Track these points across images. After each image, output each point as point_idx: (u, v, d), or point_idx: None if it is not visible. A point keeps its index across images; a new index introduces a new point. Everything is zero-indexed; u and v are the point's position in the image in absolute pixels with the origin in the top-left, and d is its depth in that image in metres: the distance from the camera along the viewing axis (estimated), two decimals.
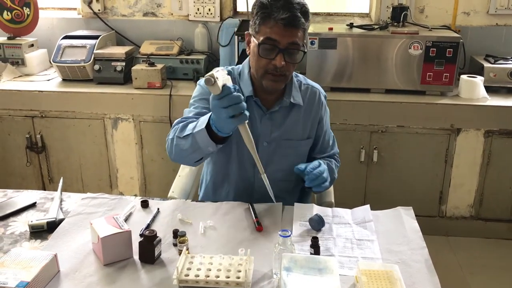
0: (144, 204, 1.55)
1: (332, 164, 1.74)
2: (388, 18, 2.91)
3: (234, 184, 1.69)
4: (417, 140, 2.68)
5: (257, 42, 1.50)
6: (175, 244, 1.34)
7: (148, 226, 1.43)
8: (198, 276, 1.17)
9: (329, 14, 3.22)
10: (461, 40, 2.60)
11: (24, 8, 3.07)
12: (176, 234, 1.34)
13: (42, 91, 2.78)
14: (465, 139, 2.66)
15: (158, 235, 1.29)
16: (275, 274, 1.22)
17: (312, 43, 2.64)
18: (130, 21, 3.22)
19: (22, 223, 1.47)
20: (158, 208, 1.53)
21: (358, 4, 3.27)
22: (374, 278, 1.17)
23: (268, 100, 1.64)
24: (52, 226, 1.42)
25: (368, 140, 2.70)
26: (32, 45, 3.11)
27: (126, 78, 2.87)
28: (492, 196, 2.77)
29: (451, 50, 2.58)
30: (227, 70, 1.37)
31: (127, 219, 1.48)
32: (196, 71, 2.92)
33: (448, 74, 2.63)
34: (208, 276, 1.17)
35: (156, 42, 3.08)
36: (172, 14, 3.19)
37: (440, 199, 2.80)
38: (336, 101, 2.55)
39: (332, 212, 1.54)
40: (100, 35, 3.00)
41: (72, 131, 2.83)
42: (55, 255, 1.23)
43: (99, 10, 3.17)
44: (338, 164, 1.82)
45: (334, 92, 2.67)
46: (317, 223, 1.43)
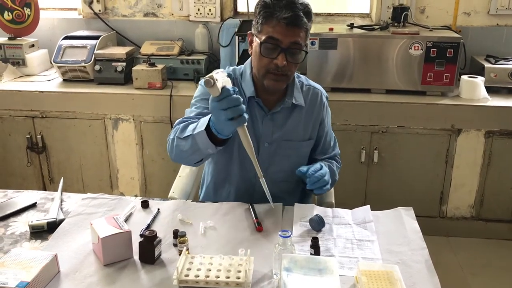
0: (144, 205, 1.55)
1: (333, 166, 1.74)
2: (389, 18, 2.91)
3: (235, 185, 1.69)
4: (417, 141, 2.68)
5: (259, 41, 1.50)
6: (175, 245, 1.35)
7: (148, 226, 1.44)
8: (198, 276, 1.17)
9: (329, 15, 3.22)
10: (461, 40, 2.60)
11: (25, 8, 3.07)
12: (176, 234, 1.34)
13: (42, 92, 2.78)
14: (465, 139, 2.66)
15: (158, 235, 1.29)
16: (275, 274, 1.22)
17: (312, 44, 2.64)
18: (130, 21, 3.22)
19: (23, 223, 1.47)
20: (158, 209, 1.53)
21: (358, 4, 3.27)
22: (374, 279, 1.17)
23: (269, 100, 1.64)
24: (52, 227, 1.42)
25: (368, 140, 2.69)
26: (33, 45, 3.11)
27: (126, 79, 2.88)
28: (493, 197, 2.76)
29: (452, 50, 2.58)
30: (227, 73, 1.36)
31: (127, 219, 1.48)
32: (197, 72, 2.92)
33: (448, 75, 2.62)
34: (208, 277, 1.17)
35: (157, 43, 3.08)
36: (172, 15, 3.19)
37: (441, 199, 2.80)
38: (336, 101, 2.55)
39: (332, 212, 1.54)
40: (100, 36, 3.00)
41: (73, 131, 2.83)
42: (55, 256, 1.23)
43: (99, 11, 3.17)
44: (339, 166, 1.82)
45: (335, 92, 2.67)
46: (317, 223, 1.43)
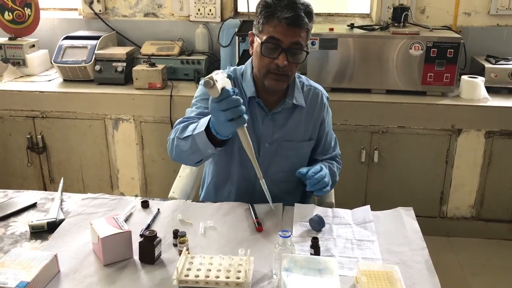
0: (145, 205, 1.55)
1: (334, 167, 1.74)
2: (389, 18, 2.91)
3: (235, 184, 1.69)
4: (418, 141, 2.68)
5: (260, 41, 1.50)
6: (175, 245, 1.35)
7: (148, 226, 1.44)
8: (198, 276, 1.17)
9: (329, 15, 3.22)
10: (462, 40, 2.59)
11: (25, 8, 3.08)
12: (176, 234, 1.34)
13: (43, 92, 2.78)
14: (466, 139, 2.66)
15: (158, 235, 1.29)
16: (275, 274, 1.22)
17: (313, 44, 2.64)
18: (131, 21, 3.23)
19: (23, 223, 1.47)
20: (159, 209, 1.53)
21: (358, 4, 3.27)
22: (374, 279, 1.17)
23: (270, 101, 1.63)
24: (52, 227, 1.42)
25: (368, 140, 2.69)
26: (33, 45, 3.11)
27: (127, 79, 2.88)
28: (493, 197, 2.76)
29: (452, 50, 2.58)
30: (228, 73, 1.36)
31: (127, 219, 1.48)
32: (197, 72, 2.92)
33: (449, 75, 2.62)
34: (208, 277, 1.17)
35: (157, 43, 3.08)
36: (173, 15, 3.19)
37: (441, 199, 2.80)
38: (336, 101, 2.55)
39: (332, 212, 1.54)
40: (101, 36, 3.01)
41: (73, 131, 2.83)
42: (55, 256, 1.23)
43: (100, 11, 3.17)
44: (340, 167, 1.81)
45: (335, 92, 2.67)
46: (317, 223, 1.43)
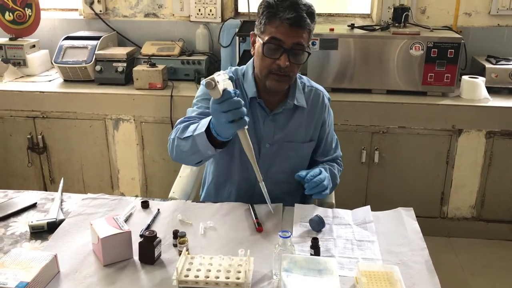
0: (145, 205, 1.55)
1: (335, 169, 1.73)
2: (390, 18, 2.91)
3: (236, 185, 1.69)
4: (418, 141, 2.67)
5: (262, 41, 1.50)
6: (175, 245, 1.34)
7: (148, 226, 1.44)
8: (197, 276, 1.17)
9: (330, 15, 3.22)
10: (462, 40, 2.59)
11: (26, 9, 3.08)
12: (176, 234, 1.34)
13: (43, 92, 2.78)
14: (466, 140, 2.65)
15: (158, 235, 1.29)
16: (275, 275, 1.22)
17: (313, 44, 2.63)
18: (131, 22, 3.23)
19: (23, 223, 1.47)
20: (159, 209, 1.53)
21: (359, 4, 3.27)
22: (374, 279, 1.16)
23: (271, 101, 1.63)
24: (52, 227, 1.42)
25: (369, 141, 2.69)
26: (34, 46, 3.11)
27: (127, 79, 2.88)
28: (494, 197, 2.76)
29: (453, 51, 2.58)
30: (229, 74, 1.36)
31: (127, 219, 1.48)
32: (197, 72, 2.92)
33: (449, 75, 2.62)
34: (208, 277, 1.17)
35: (158, 43, 3.08)
36: (173, 15, 3.19)
37: (442, 200, 2.80)
38: (337, 101, 2.55)
39: (332, 213, 1.53)
40: (101, 36, 3.01)
41: (74, 131, 2.84)
42: (55, 256, 1.23)
43: (100, 11, 3.17)
44: (341, 169, 1.81)
45: (336, 92, 2.67)
46: (317, 224, 1.43)
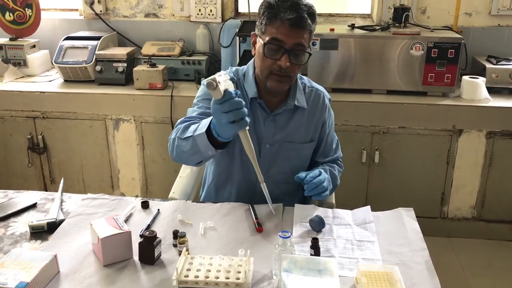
0: (145, 205, 1.55)
1: (335, 171, 1.73)
2: (390, 19, 2.91)
3: (236, 185, 1.69)
4: (418, 141, 2.67)
5: (262, 42, 1.49)
6: (175, 245, 1.34)
7: (148, 227, 1.43)
8: (197, 277, 1.17)
9: (330, 15, 3.22)
10: (462, 41, 2.59)
11: (26, 9, 3.08)
12: (176, 235, 1.34)
13: (43, 92, 2.78)
14: (467, 140, 2.65)
15: (158, 236, 1.29)
16: (275, 275, 1.22)
17: (313, 44, 2.63)
18: (131, 22, 3.23)
19: (23, 223, 1.47)
20: (159, 209, 1.53)
21: (359, 5, 3.27)
22: (374, 280, 1.16)
23: (272, 102, 1.63)
24: (52, 227, 1.42)
25: (369, 141, 2.69)
26: (34, 46, 3.11)
27: (127, 79, 2.88)
28: (494, 197, 2.76)
29: (453, 51, 2.58)
30: (230, 75, 1.36)
31: (127, 219, 1.48)
32: (198, 72, 2.92)
33: (449, 75, 2.62)
34: (208, 277, 1.17)
35: (158, 43, 3.08)
36: (173, 15, 3.19)
37: (442, 200, 2.80)
38: (337, 102, 2.54)
39: (332, 213, 1.53)
40: (101, 36, 3.01)
41: (74, 132, 2.84)
42: (55, 256, 1.23)
43: (100, 11, 3.17)
44: (341, 170, 1.80)
45: (336, 93, 2.66)
46: (317, 224, 1.43)
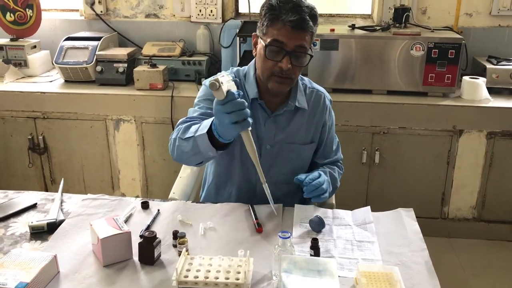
0: (144, 205, 1.55)
1: (335, 173, 1.72)
2: (390, 19, 2.91)
3: (236, 185, 1.69)
4: (419, 142, 2.67)
5: (264, 43, 1.49)
6: (175, 245, 1.34)
7: (148, 227, 1.44)
8: (197, 277, 1.17)
9: (331, 15, 3.22)
10: (463, 41, 2.59)
11: (27, 9, 3.08)
12: (176, 235, 1.34)
13: (44, 93, 2.79)
14: (467, 140, 2.65)
15: (158, 236, 1.29)
16: (274, 275, 1.22)
17: (314, 44, 2.63)
18: (132, 22, 3.23)
19: (23, 224, 1.47)
20: (158, 210, 1.53)
21: (360, 5, 3.27)
22: (373, 280, 1.16)
23: (273, 103, 1.63)
24: (52, 227, 1.42)
25: (370, 141, 2.69)
26: (35, 46, 3.12)
27: (128, 80, 2.88)
28: (495, 198, 2.76)
29: (453, 51, 2.58)
30: (232, 76, 1.35)
31: (127, 220, 1.48)
32: (198, 73, 2.92)
33: (450, 75, 2.62)
34: (208, 278, 1.17)
35: (158, 44, 3.08)
36: (174, 16, 3.19)
37: (442, 200, 2.79)
38: (338, 102, 2.52)
39: (332, 213, 1.53)
40: (102, 37, 3.01)
41: (74, 132, 2.84)
42: (55, 256, 1.23)
43: (101, 12, 3.18)
44: (341, 172, 1.80)
45: (336, 93, 2.66)
46: (317, 224, 1.43)
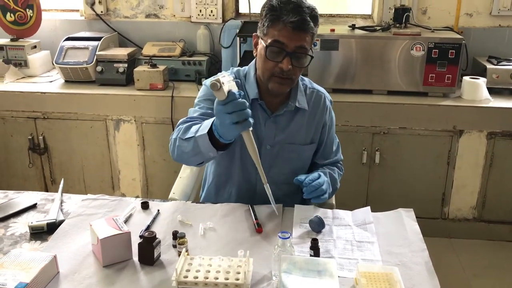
0: (144, 206, 1.55)
1: (335, 174, 1.72)
2: (391, 19, 2.91)
3: (236, 185, 1.69)
4: (419, 142, 2.67)
5: (264, 44, 1.49)
6: (174, 246, 1.34)
7: (148, 227, 1.44)
8: (197, 277, 1.17)
9: (331, 16, 3.22)
10: (463, 41, 2.59)
11: (27, 10, 3.08)
12: (175, 235, 1.34)
13: (44, 93, 2.79)
14: (467, 140, 2.65)
15: (157, 236, 1.29)
16: (274, 276, 1.22)
17: (314, 45, 2.61)
18: (132, 22, 3.23)
19: (22, 224, 1.47)
20: (158, 210, 1.53)
21: (360, 5, 3.26)
22: (373, 280, 1.16)
23: (273, 103, 1.63)
24: (52, 227, 1.42)
25: (370, 141, 2.69)
26: (35, 46, 3.12)
27: (128, 80, 2.88)
28: (495, 198, 2.75)
29: (454, 51, 2.57)
30: (233, 76, 1.35)
31: (127, 220, 1.48)
32: (198, 73, 2.92)
33: (450, 76, 2.62)
34: (207, 278, 1.17)
35: (158, 44, 3.08)
36: (174, 16, 3.19)
37: (443, 201, 2.79)
38: (338, 102, 2.52)
39: (332, 213, 1.53)
40: (102, 37, 3.01)
41: (74, 132, 2.84)
42: (55, 256, 1.23)
43: (101, 12, 3.18)
44: (341, 173, 1.79)
45: (336, 93, 2.66)
46: (317, 225, 1.42)
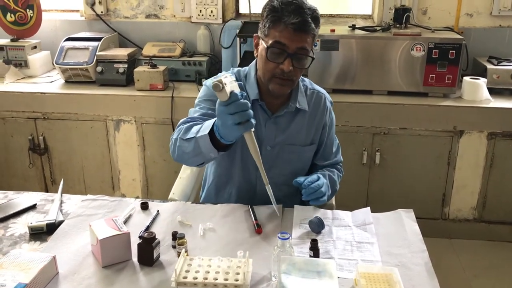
0: (144, 206, 1.55)
1: (335, 175, 1.72)
2: (391, 19, 2.91)
3: (236, 186, 1.69)
4: (419, 142, 2.67)
5: (265, 45, 1.49)
6: (174, 246, 1.34)
7: (148, 228, 1.43)
8: (196, 278, 1.17)
9: (331, 16, 3.22)
10: (463, 41, 2.58)
11: (28, 10, 3.08)
12: (175, 236, 1.34)
13: (44, 93, 2.79)
14: (468, 141, 2.65)
15: (157, 237, 1.29)
16: (273, 276, 1.22)
17: (314, 45, 2.62)
18: (132, 23, 3.23)
19: (22, 224, 1.47)
20: (158, 210, 1.53)
21: (360, 5, 3.26)
22: (373, 281, 1.16)
23: (273, 104, 1.63)
24: (51, 228, 1.42)
25: (370, 142, 2.69)
26: (35, 47, 3.12)
27: (128, 80, 2.88)
28: (496, 198, 2.75)
29: (454, 51, 2.57)
30: (235, 76, 1.35)
31: (126, 221, 1.48)
32: (199, 73, 2.92)
33: (450, 76, 2.61)
34: (207, 279, 1.17)
35: (159, 44, 3.08)
36: (174, 16, 3.19)
37: (443, 201, 2.79)
38: (338, 103, 2.52)
39: (332, 214, 1.53)
40: (102, 37, 3.01)
41: (75, 133, 2.84)
42: (54, 257, 1.23)
43: (102, 12, 3.18)
44: (341, 175, 1.79)
45: (336, 94, 2.66)
46: (317, 225, 1.42)
